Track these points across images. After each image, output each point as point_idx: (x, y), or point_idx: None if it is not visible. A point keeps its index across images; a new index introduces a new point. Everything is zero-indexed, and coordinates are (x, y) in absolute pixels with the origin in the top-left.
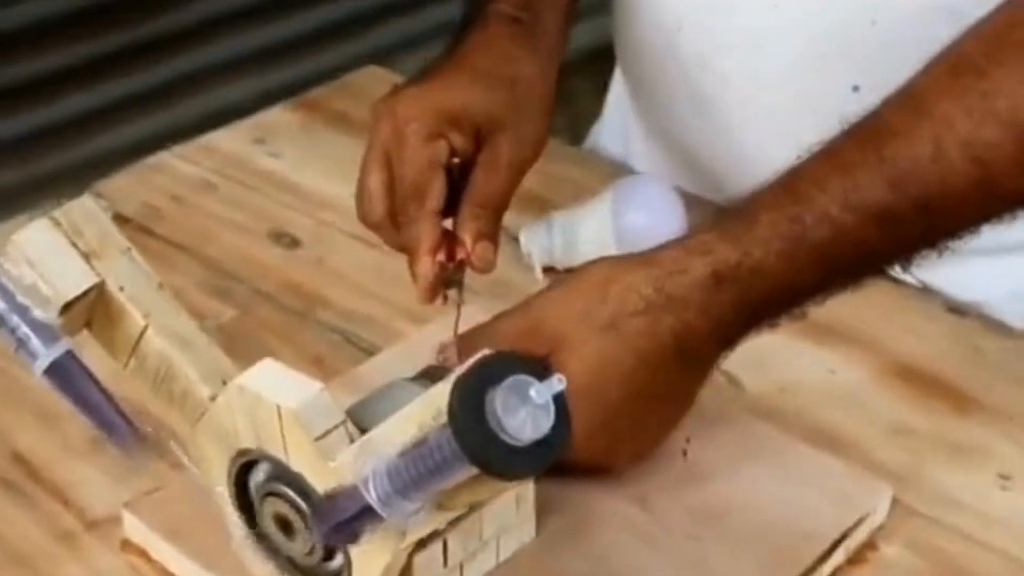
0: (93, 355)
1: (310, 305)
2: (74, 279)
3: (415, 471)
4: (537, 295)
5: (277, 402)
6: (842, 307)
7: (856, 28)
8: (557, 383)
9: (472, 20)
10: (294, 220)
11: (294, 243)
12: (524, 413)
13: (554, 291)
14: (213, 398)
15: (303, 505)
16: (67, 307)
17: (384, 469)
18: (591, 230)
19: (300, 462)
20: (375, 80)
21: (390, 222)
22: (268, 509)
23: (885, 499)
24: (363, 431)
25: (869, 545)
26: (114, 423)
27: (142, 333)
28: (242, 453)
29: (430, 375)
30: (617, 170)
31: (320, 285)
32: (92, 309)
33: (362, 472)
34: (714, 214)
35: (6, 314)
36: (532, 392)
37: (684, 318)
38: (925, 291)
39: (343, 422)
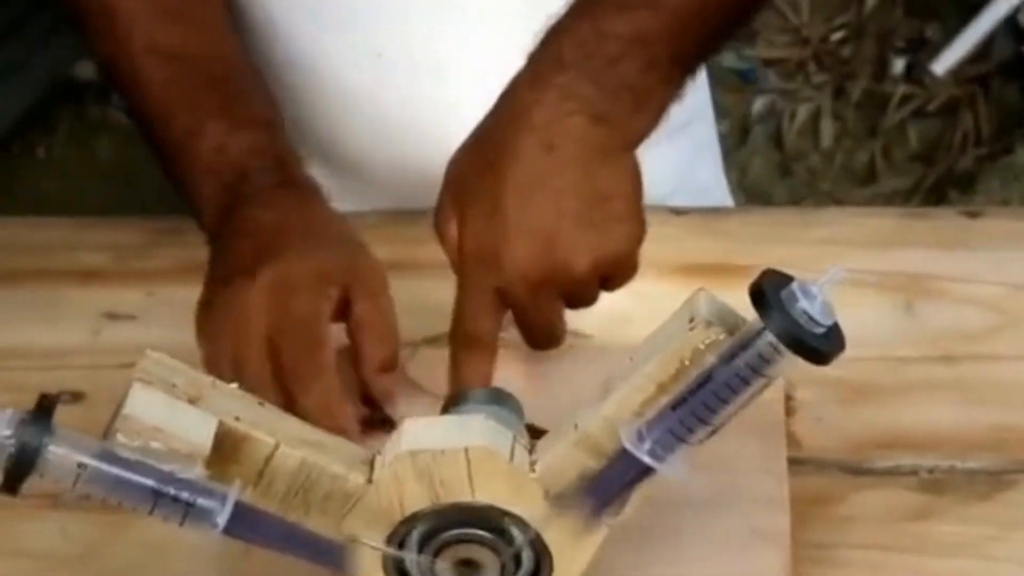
0: None
1: None
2: (199, 428)
3: (701, 409)
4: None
5: (464, 446)
6: None
7: None
8: (834, 276)
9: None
10: None
11: None
12: (818, 304)
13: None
14: (370, 481)
15: (489, 536)
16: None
17: (656, 426)
18: None
19: (489, 493)
20: None
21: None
22: (445, 562)
23: None
24: None
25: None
26: (322, 545)
27: (271, 454)
28: (406, 521)
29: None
30: None
31: None
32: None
33: (629, 439)
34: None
35: (161, 487)
36: (814, 289)
37: (515, 99)
38: None
39: (515, 436)
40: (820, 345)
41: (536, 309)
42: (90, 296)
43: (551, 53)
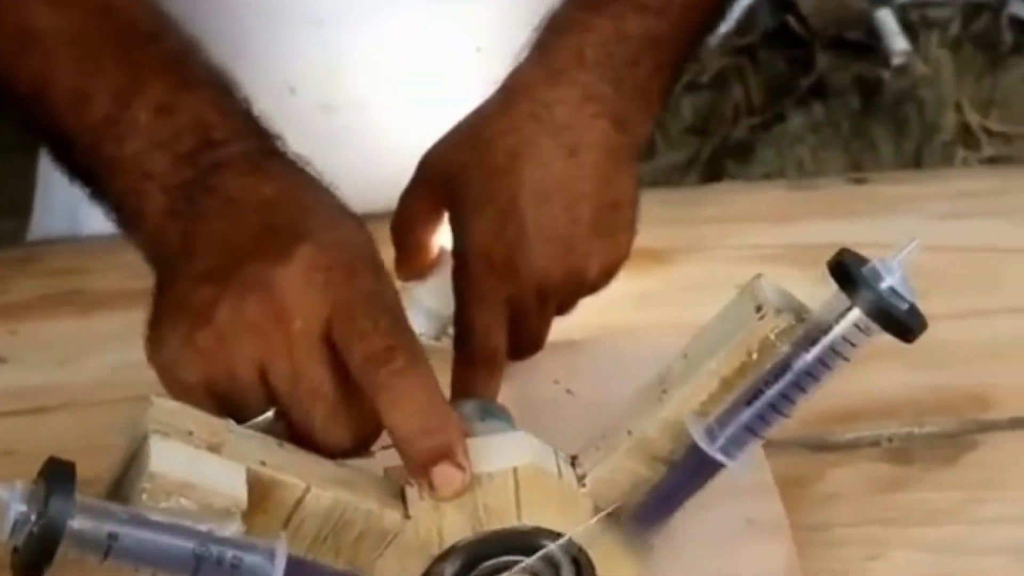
0: None
1: None
2: (229, 479)
3: (779, 400)
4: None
5: (513, 466)
6: None
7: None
8: (911, 249)
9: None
10: None
11: None
12: (899, 279)
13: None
14: (407, 516)
15: (530, 561)
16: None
17: (728, 422)
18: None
19: (537, 515)
20: None
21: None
22: None
23: None
24: None
25: None
26: None
27: (302, 497)
28: (443, 556)
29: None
30: None
31: None
32: None
33: (701, 438)
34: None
35: (202, 550)
36: (894, 265)
37: (535, 98)
38: None
39: (555, 450)
40: (909, 320)
41: (540, 317)
42: None
43: (570, 50)
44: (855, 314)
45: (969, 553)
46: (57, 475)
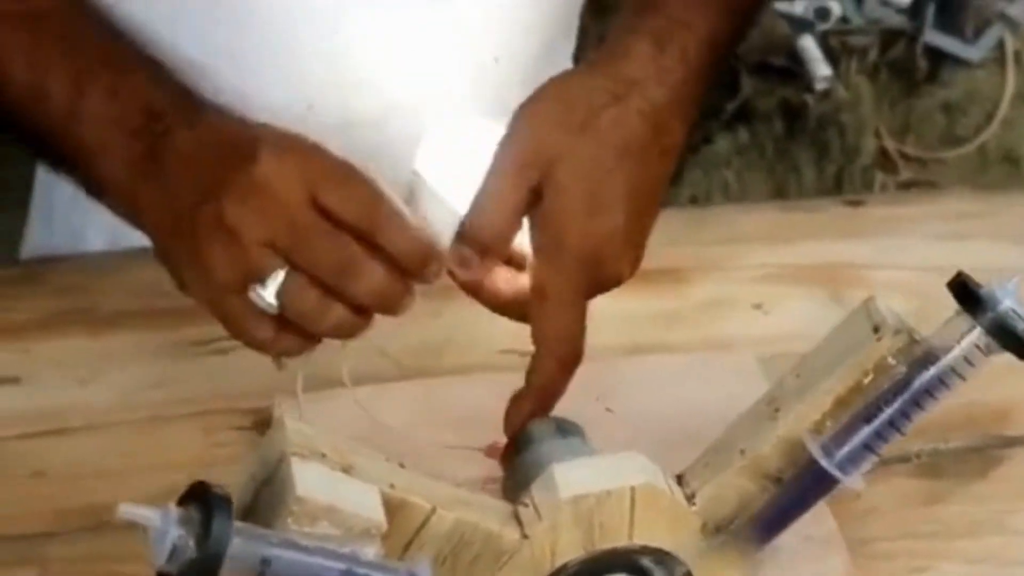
0: None
1: None
2: (366, 501)
3: (898, 418)
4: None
5: (631, 485)
6: None
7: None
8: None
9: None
10: None
11: None
12: (1016, 300)
13: (519, 120)
14: (524, 536)
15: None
16: None
17: (846, 439)
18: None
19: (648, 533)
20: None
21: None
22: None
23: None
24: None
25: None
26: None
27: (426, 519)
28: (554, 575)
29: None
30: None
31: None
32: None
33: (820, 455)
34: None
35: (352, 571)
36: (1010, 287)
37: (646, 95)
38: None
39: (664, 470)
40: None
41: None
42: None
43: (678, 47)
44: (976, 334)
45: (1012, 564)
46: (215, 499)
